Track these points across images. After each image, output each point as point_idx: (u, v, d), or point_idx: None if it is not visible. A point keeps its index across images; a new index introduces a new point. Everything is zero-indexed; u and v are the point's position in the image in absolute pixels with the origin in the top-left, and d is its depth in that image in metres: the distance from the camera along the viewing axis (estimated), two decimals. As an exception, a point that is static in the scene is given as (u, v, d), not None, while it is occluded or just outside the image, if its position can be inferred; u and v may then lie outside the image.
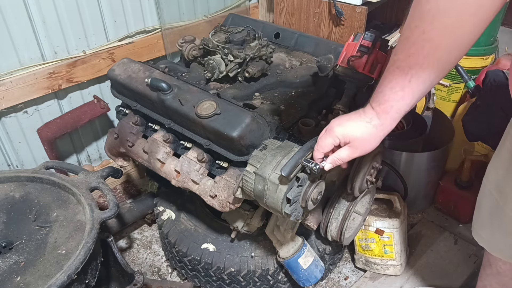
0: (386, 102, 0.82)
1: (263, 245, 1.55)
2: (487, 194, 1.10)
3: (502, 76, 1.69)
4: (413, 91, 0.80)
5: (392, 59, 0.80)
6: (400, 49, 0.78)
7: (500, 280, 1.21)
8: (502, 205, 1.04)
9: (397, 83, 0.79)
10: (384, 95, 0.82)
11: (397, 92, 0.80)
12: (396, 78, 0.79)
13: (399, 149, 1.91)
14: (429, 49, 0.74)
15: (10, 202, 1.30)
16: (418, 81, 0.78)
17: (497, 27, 2.37)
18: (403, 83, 0.79)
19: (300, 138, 1.27)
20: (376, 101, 0.84)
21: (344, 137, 0.90)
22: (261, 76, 1.47)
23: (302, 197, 1.08)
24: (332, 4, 1.87)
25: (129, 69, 1.43)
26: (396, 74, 0.79)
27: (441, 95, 2.58)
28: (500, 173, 1.04)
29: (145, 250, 1.94)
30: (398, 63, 0.78)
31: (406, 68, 0.77)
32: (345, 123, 0.91)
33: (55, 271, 1.07)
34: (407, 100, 0.81)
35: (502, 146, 1.05)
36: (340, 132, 0.91)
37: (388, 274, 1.76)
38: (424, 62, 0.75)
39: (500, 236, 1.10)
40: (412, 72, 0.77)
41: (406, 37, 0.75)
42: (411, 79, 0.78)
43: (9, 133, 1.70)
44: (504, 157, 1.03)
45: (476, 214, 1.18)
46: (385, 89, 0.82)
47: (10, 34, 1.54)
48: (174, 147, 1.39)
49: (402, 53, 0.77)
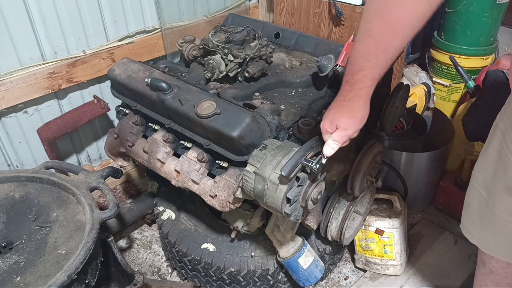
0: (360, 71, 0.85)
1: (263, 245, 1.55)
2: (476, 193, 1.11)
3: (502, 76, 1.69)
4: (386, 58, 0.83)
5: (364, 28, 0.82)
6: (372, 17, 0.80)
7: (494, 279, 1.22)
8: (492, 206, 1.05)
9: (369, 51, 0.82)
10: (358, 65, 0.85)
11: (371, 60, 0.83)
12: (369, 47, 0.82)
13: (399, 149, 1.91)
14: (405, 16, 0.76)
15: (10, 202, 1.30)
16: (392, 48, 0.81)
17: (497, 27, 2.37)
18: (377, 50, 0.81)
19: (300, 138, 1.27)
20: (349, 73, 0.88)
21: (332, 125, 0.96)
22: (261, 76, 1.47)
23: (302, 197, 1.08)
24: (332, 4, 1.87)
25: (129, 69, 1.43)
26: (368, 43, 0.81)
27: (441, 95, 2.58)
28: (489, 173, 1.05)
29: (145, 250, 1.94)
30: (371, 32, 0.80)
31: (381, 36, 0.79)
32: (326, 114, 0.98)
33: (55, 271, 1.07)
34: (381, 66, 0.84)
35: (489, 145, 1.05)
36: (323, 123, 0.98)
37: (388, 274, 1.76)
38: (400, 30, 0.78)
39: (491, 235, 1.11)
40: (387, 39, 0.79)
41: (379, 4, 0.78)
42: (385, 46, 0.80)
43: (9, 133, 1.70)
44: (491, 157, 1.03)
45: (465, 213, 1.19)
46: (359, 59, 0.85)
47: (10, 34, 1.54)
48: (174, 147, 1.39)
49: (375, 21, 0.79)
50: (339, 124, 0.95)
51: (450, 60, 2.15)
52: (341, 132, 0.96)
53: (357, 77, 0.87)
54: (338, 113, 0.95)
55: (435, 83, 2.58)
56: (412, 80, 2.58)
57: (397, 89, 1.50)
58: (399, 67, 2.13)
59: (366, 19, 0.82)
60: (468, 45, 2.37)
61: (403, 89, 1.52)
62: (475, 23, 2.30)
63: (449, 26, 2.41)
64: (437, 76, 2.57)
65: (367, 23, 0.81)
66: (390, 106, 1.47)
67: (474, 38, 2.35)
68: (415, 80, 2.58)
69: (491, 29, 2.34)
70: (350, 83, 0.89)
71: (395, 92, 1.49)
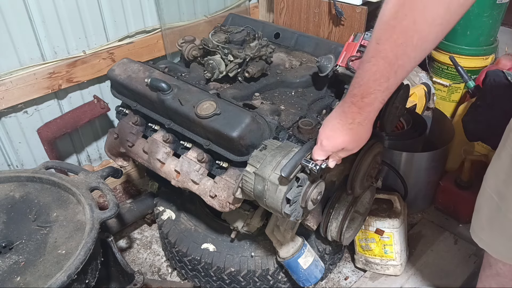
0: (370, 94, 0.81)
1: (263, 245, 1.55)
2: (488, 198, 1.09)
3: (502, 76, 1.69)
4: (397, 81, 0.79)
5: (375, 49, 0.77)
6: (384, 39, 0.75)
7: (500, 281, 1.21)
8: (505, 211, 1.03)
9: (382, 74, 0.77)
10: (368, 88, 0.80)
11: (382, 84, 0.79)
12: (381, 69, 0.77)
13: (399, 149, 1.90)
14: (418, 40, 0.72)
15: (10, 202, 1.30)
16: (403, 71, 0.77)
17: (497, 27, 2.37)
18: (389, 74, 0.77)
19: (300, 138, 1.27)
20: (358, 95, 0.83)
21: (336, 148, 0.94)
22: (261, 76, 1.47)
23: (302, 197, 1.08)
24: (332, 4, 1.87)
25: (129, 69, 1.43)
26: (381, 65, 0.77)
27: (441, 95, 2.58)
28: (501, 178, 1.03)
29: (145, 250, 1.95)
30: (383, 54, 0.75)
31: (394, 59, 0.75)
32: (331, 134, 0.92)
33: (55, 271, 1.07)
34: (391, 89, 0.80)
35: (502, 150, 1.03)
36: (330, 146, 0.94)
37: (388, 274, 1.76)
38: (411, 53, 0.74)
39: (501, 239, 1.09)
40: (399, 62, 0.75)
41: (392, 26, 0.73)
42: (397, 69, 0.76)
43: (9, 133, 1.70)
44: (504, 162, 1.02)
45: (475, 217, 1.17)
46: (369, 82, 0.80)
47: (10, 34, 1.54)
48: (174, 147, 1.39)
49: (387, 43, 0.74)
50: (347, 147, 0.93)
51: (450, 60, 2.15)
52: (347, 152, 0.96)
53: (367, 100, 0.82)
54: (346, 137, 0.91)
55: (435, 83, 2.58)
56: (412, 80, 2.58)
57: (397, 89, 1.49)
58: (399, 67, 2.13)
59: (377, 38, 0.76)
60: (468, 45, 2.37)
61: (403, 89, 1.52)
62: (475, 23, 2.30)
63: (449, 26, 2.41)
64: (437, 76, 2.57)
65: (378, 44, 0.76)
66: (390, 106, 1.47)
67: (474, 38, 2.35)
68: (415, 80, 2.58)
69: (491, 29, 2.33)
70: (359, 106, 0.84)
71: (395, 92, 1.49)
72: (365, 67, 0.79)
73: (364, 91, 0.81)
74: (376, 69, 0.77)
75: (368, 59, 0.78)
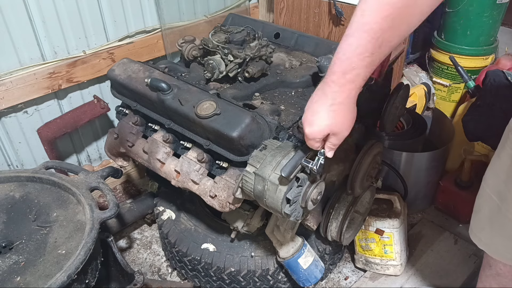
0: (353, 70, 0.76)
1: (263, 245, 1.55)
2: (487, 198, 1.08)
3: (502, 76, 1.69)
4: (380, 56, 0.75)
5: (359, 22, 0.73)
6: (370, 10, 0.71)
7: (500, 281, 1.21)
8: (504, 211, 1.03)
9: (366, 48, 0.73)
10: (351, 63, 0.76)
11: (365, 58, 0.74)
12: (365, 42, 0.73)
13: (399, 149, 1.91)
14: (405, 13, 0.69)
15: (10, 202, 1.30)
16: (388, 46, 0.73)
17: (497, 27, 2.37)
18: (373, 48, 0.73)
19: (300, 138, 1.27)
20: (339, 71, 0.78)
21: (322, 134, 0.88)
22: (261, 76, 1.47)
23: (302, 197, 1.08)
24: (332, 4, 1.87)
25: (129, 69, 1.43)
26: (364, 38, 0.73)
27: (441, 95, 2.58)
28: (501, 178, 1.03)
29: (145, 250, 1.95)
30: (368, 27, 0.72)
31: (378, 32, 0.71)
32: (313, 120, 0.86)
33: (55, 271, 1.07)
34: (374, 65, 0.76)
35: (502, 150, 1.03)
36: (315, 132, 0.87)
37: (388, 274, 1.76)
38: (398, 26, 0.71)
39: (501, 240, 1.09)
40: (384, 36, 0.71)
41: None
42: (382, 43, 0.72)
43: (9, 133, 1.70)
44: (504, 162, 1.01)
45: (474, 217, 1.17)
46: (352, 57, 0.75)
47: (10, 34, 1.54)
48: (174, 147, 1.39)
49: (373, 14, 0.71)
50: (333, 130, 0.87)
51: (450, 60, 2.15)
52: (338, 137, 0.90)
53: (348, 77, 0.77)
54: (328, 120, 0.85)
55: (435, 83, 2.58)
56: (412, 80, 2.59)
57: (397, 89, 1.50)
58: (399, 67, 2.14)
59: (362, 11, 0.72)
60: (468, 45, 2.37)
61: (403, 89, 1.52)
62: (475, 23, 2.30)
63: (449, 26, 2.41)
64: (437, 76, 2.57)
65: (363, 17, 0.72)
66: (390, 106, 1.47)
67: (474, 38, 2.35)
68: (415, 80, 2.59)
69: (491, 29, 2.34)
70: (340, 84, 0.79)
71: (395, 92, 1.49)
72: (348, 41, 0.75)
73: (347, 66, 0.76)
74: (359, 42, 0.73)
75: (351, 33, 0.75)
